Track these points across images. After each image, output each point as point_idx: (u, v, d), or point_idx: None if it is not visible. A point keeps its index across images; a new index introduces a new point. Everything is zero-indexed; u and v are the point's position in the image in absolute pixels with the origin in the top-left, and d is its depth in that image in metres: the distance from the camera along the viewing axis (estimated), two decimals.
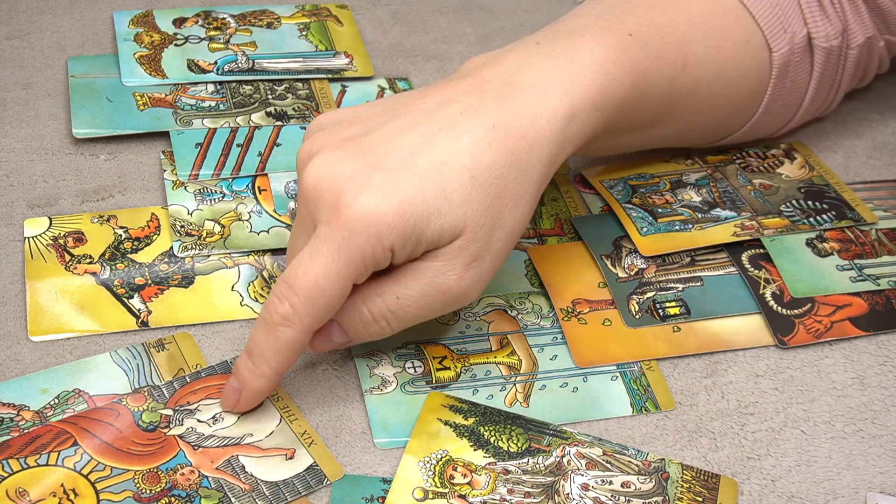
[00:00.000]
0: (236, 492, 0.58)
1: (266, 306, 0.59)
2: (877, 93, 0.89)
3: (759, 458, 0.63)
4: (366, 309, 0.60)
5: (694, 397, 0.66)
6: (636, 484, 0.60)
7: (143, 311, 0.68)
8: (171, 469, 0.59)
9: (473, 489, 0.59)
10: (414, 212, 0.58)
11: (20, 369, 0.64)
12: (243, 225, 0.73)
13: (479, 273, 0.61)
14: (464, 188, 0.59)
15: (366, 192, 0.57)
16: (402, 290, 0.60)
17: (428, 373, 0.66)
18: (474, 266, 0.60)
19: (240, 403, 0.61)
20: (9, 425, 0.60)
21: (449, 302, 0.61)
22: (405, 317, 0.61)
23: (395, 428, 0.63)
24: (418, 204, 0.58)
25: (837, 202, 0.77)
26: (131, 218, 0.73)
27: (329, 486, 0.59)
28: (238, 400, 0.61)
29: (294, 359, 0.60)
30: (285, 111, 0.81)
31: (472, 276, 0.60)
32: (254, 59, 0.85)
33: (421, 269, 0.60)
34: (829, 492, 0.61)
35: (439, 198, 0.58)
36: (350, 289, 0.59)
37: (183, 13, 0.89)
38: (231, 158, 0.77)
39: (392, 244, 0.58)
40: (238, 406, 0.61)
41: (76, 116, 0.79)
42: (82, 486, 0.58)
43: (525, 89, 0.62)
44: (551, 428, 0.63)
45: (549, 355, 0.67)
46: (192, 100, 0.81)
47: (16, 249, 0.71)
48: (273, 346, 0.59)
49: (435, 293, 0.60)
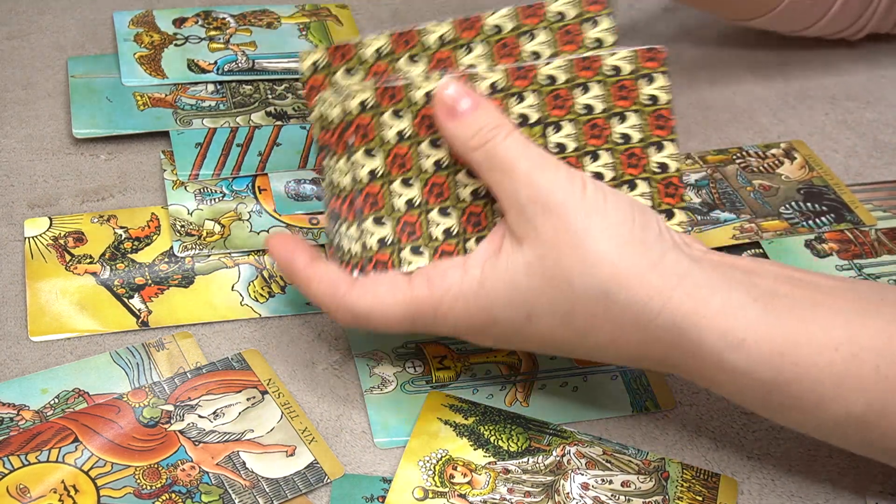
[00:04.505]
0: (237, 488, 0.58)
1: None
2: (877, 93, 0.89)
3: (759, 457, 0.63)
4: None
5: (694, 397, 0.66)
6: (636, 483, 0.60)
7: (144, 310, 0.68)
8: (171, 465, 0.59)
9: (473, 488, 0.59)
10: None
11: (20, 369, 0.64)
12: (243, 225, 0.73)
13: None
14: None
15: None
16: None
17: (428, 372, 0.66)
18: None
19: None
20: (9, 425, 0.60)
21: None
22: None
23: (395, 427, 0.63)
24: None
25: (837, 204, 0.77)
26: (131, 218, 0.73)
27: (329, 485, 0.59)
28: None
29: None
30: (285, 111, 0.81)
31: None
32: (254, 58, 0.85)
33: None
34: (829, 491, 0.61)
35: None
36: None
37: (183, 13, 0.89)
38: (231, 158, 0.77)
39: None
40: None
41: (76, 116, 0.79)
42: (83, 483, 0.58)
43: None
44: (551, 427, 0.63)
45: (549, 354, 0.67)
46: (192, 100, 0.81)
47: (16, 249, 0.71)
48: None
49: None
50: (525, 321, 0.57)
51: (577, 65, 0.61)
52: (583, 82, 0.61)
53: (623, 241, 0.55)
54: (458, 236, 0.61)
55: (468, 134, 0.58)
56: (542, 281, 0.56)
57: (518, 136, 0.58)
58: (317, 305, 0.61)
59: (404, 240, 0.60)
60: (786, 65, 0.91)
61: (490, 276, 0.57)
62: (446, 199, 0.60)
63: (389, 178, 0.60)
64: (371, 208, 0.60)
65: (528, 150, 0.57)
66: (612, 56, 0.61)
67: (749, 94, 0.88)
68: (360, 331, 0.67)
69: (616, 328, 0.56)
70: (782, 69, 0.90)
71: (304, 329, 0.68)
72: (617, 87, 0.62)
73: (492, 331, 0.59)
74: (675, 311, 0.54)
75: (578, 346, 0.58)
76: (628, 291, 0.55)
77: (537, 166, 0.57)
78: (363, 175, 0.60)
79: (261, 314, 0.68)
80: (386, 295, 0.59)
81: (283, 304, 0.69)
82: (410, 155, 0.60)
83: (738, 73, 0.90)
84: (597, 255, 0.55)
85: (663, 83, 0.62)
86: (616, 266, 0.55)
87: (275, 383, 0.64)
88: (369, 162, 0.59)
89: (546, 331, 0.57)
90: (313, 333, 0.68)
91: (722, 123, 0.85)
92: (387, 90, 0.59)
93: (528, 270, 0.56)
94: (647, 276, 0.55)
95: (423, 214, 0.60)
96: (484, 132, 0.58)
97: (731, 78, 0.89)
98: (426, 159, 0.60)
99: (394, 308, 0.59)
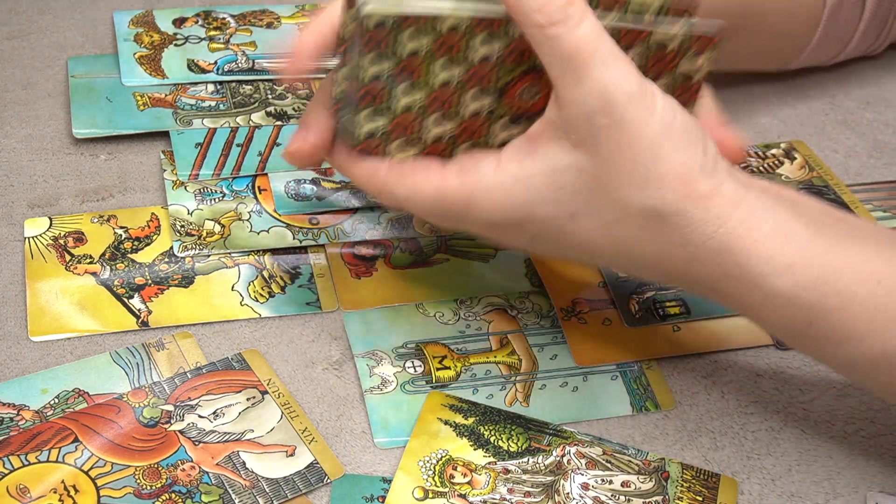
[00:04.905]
0: (237, 488, 0.58)
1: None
2: (877, 93, 0.89)
3: (759, 457, 0.63)
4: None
5: (694, 397, 0.66)
6: (636, 483, 0.60)
7: (143, 310, 0.68)
8: (171, 465, 0.59)
9: (473, 489, 0.59)
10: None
11: (20, 369, 0.64)
12: (243, 225, 0.73)
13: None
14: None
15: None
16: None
17: (428, 372, 0.66)
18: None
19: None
20: (9, 425, 0.60)
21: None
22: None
23: (395, 427, 0.63)
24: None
25: (837, 204, 0.77)
26: (131, 218, 0.73)
27: (329, 485, 0.59)
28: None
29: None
30: (285, 111, 0.81)
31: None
32: (254, 58, 0.85)
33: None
34: (829, 491, 0.61)
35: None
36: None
37: (183, 13, 0.89)
38: (231, 158, 0.77)
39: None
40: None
41: (76, 116, 0.79)
42: (83, 483, 0.58)
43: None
44: (551, 427, 0.63)
45: (549, 355, 0.67)
46: (192, 100, 0.81)
47: (16, 249, 0.71)
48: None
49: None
50: (567, 220, 0.56)
51: (622, 33, 0.57)
52: (624, 46, 0.57)
53: (688, 166, 0.54)
54: (450, 140, 0.59)
55: (534, 5, 0.53)
56: (595, 188, 0.55)
57: (593, 24, 0.53)
58: (361, 188, 0.60)
59: (395, 135, 0.59)
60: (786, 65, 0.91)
61: (529, 171, 0.56)
62: (447, 109, 0.58)
63: (393, 84, 0.58)
64: (366, 105, 0.58)
65: (602, 47, 0.53)
66: (664, 31, 0.58)
67: (749, 94, 0.88)
68: (361, 331, 0.67)
69: (664, 246, 0.55)
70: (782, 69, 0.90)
71: (304, 329, 0.68)
72: (657, 58, 0.59)
73: (529, 227, 0.57)
74: (728, 235, 0.54)
75: (620, 257, 0.57)
76: (685, 216, 0.54)
77: (610, 71, 0.53)
78: (366, 77, 0.57)
79: (261, 314, 0.68)
80: (420, 182, 0.57)
81: (283, 304, 0.69)
82: (421, 70, 0.57)
83: (738, 73, 0.90)
84: (659, 178, 0.54)
85: (703, 63, 0.59)
86: (676, 192, 0.54)
87: (275, 383, 0.64)
88: (374, 67, 0.57)
89: (589, 234, 0.56)
90: (313, 333, 0.68)
91: None
92: (408, 18, 0.55)
93: (579, 173, 0.55)
94: (706, 202, 0.54)
95: (419, 119, 0.58)
96: (553, 8, 0.53)
97: (731, 78, 0.89)
98: (435, 77, 0.57)
99: (426, 196, 0.57)
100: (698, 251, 0.55)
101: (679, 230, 0.55)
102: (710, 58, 0.59)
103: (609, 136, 0.54)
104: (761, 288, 0.55)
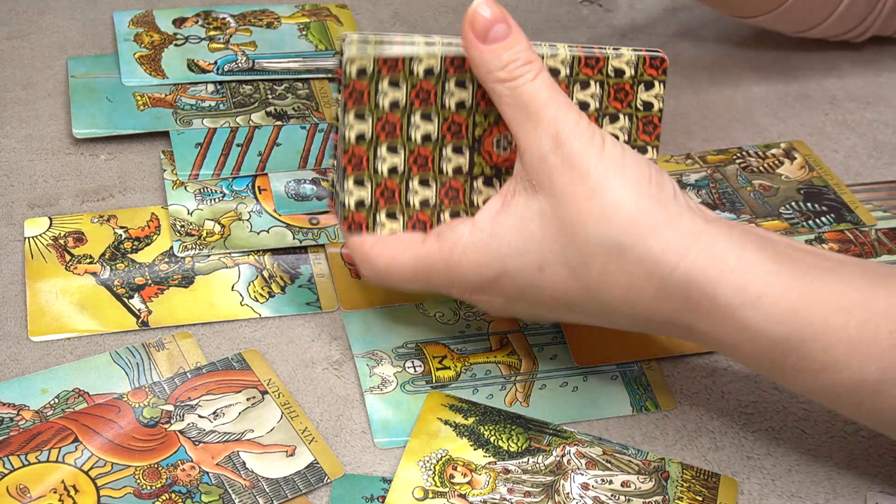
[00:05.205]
0: (237, 488, 0.58)
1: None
2: (877, 93, 0.89)
3: (759, 457, 0.63)
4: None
5: (694, 397, 0.66)
6: (636, 483, 0.60)
7: (143, 310, 0.68)
8: (171, 465, 0.59)
9: (473, 489, 0.59)
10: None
11: (20, 369, 0.64)
12: (243, 225, 0.73)
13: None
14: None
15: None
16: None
17: (428, 372, 0.66)
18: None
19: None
20: (9, 425, 0.60)
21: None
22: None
23: (395, 427, 0.63)
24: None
25: (837, 204, 0.77)
26: (131, 218, 0.73)
27: (329, 485, 0.59)
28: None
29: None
30: (285, 111, 0.81)
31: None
32: (254, 58, 0.85)
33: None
34: (829, 491, 0.61)
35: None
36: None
37: (183, 13, 0.89)
38: (231, 158, 0.77)
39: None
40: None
41: (76, 116, 0.79)
42: (83, 483, 0.58)
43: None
44: (551, 427, 0.63)
45: (549, 355, 0.67)
46: (192, 100, 0.81)
47: (16, 249, 0.71)
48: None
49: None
50: (537, 272, 0.57)
51: (582, 62, 0.61)
52: (584, 79, 0.61)
53: (639, 196, 0.55)
54: (435, 208, 0.61)
55: (497, 64, 0.57)
56: (557, 230, 0.56)
57: (547, 78, 0.57)
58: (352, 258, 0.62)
59: (382, 203, 0.61)
60: (786, 65, 0.91)
61: (502, 226, 0.58)
62: (428, 170, 0.61)
63: (377, 144, 0.60)
64: (354, 170, 0.60)
65: (556, 97, 0.57)
66: (618, 58, 0.61)
67: (749, 94, 0.88)
68: (361, 331, 0.67)
69: (629, 282, 0.56)
70: (782, 69, 0.90)
71: (304, 329, 0.68)
72: (615, 89, 0.62)
73: (503, 283, 0.58)
74: (691, 266, 0.54)
75: (590, 302, 0.58)
76: (643, 245, 0.55)
77: (562, 114, 0.56)
78: (351, 136, 0.60)
79: (261, 314, 0.68)
80: (401, 251, 0.59)
81: (283, 304, 0.69)
82: (401, 125, 0.60)
83: (738, 73, 0.90)
84: (614, 207, 0.55)
85: (659, 91, 0.62)
86: (632, 218, 0.55)
87: (275, 383, 0.64)
88: (358, 125, 0.60)
89: (558, 284, 0.57)
90: (313, 333, 0.68)
91: (722, 123, 0.85)
92: (387, 61, 0.59)
93: (542, 219, 0.57)
94: (663, 231, 0.55)
95: (403, 182, 0.61)
96: (514, 67, 0.57)
97: (731, 78, 0.89)
98: (416, 130, 0.60)
99: (407, 264, 0.59)
100: (663, 284, 0.55)
101: (641, 263, 0.55)
102: (664, 83, 0.62)
103: (562, 174, 0.56)
104: (732, 320, 0.55)
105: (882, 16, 0.86)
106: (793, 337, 0.54)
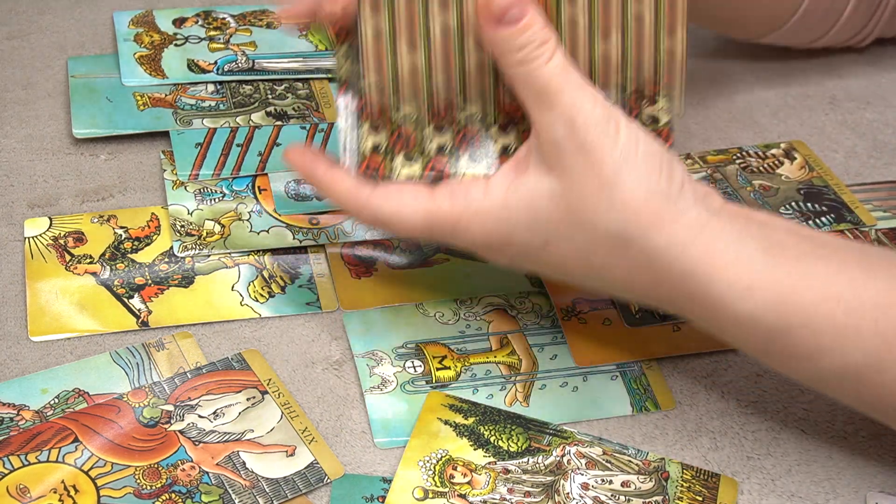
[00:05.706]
0: (237, 488, 0.58)
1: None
2: (877, 93, 0.89)
3: (759, 457, 0.63)
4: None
5: (694, 397, 0.66)
6: (636, 483, 0.60)
7: (143, 310, 0.68)
8: (171, 465, 0.59)
9: (473, 489, 0.59)
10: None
11: (20, 369, 0.64)
12: (243, 225, 0.73)
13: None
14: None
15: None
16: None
17: (428, 372, 0.65)
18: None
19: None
20: (9, 425, 0.60)
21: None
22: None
23: (395, 427, 0.63)
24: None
25: (837, 204, 0.77)
26: (131, 218, 0.73)
27: (329, 485, 0.59)
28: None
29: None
30: (285, 111, 0.81)
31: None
32: (254, 58, 0.85)
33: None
34: (829, 491, 0.61)
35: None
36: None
37: (183, 13, 0.89)
38: (231, 158, 0.77)
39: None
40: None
41: (76, 116, 0.79)
42: (83, 483, 0.58)
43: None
44: (551, 427, 0.63)
45: (549, 355, 0.67)
46: (192, 100, 0.81)
47: (16, 249, 0.71)
48: None
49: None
50: (542, 246, 0.59)
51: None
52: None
53: (649, 193, 0.56)
54: (452, 152, 0.61)
55: (511, 47, 0.57)
56: (565, 213, 0.57)
57: (562, 60, 0.57)
58: (339, 205, 0.62)
59: (398, 149, 0.61)
60: (786, 65, 0.91)
61: (513, 198, 0.58)
62: (444, 117, 0.61)
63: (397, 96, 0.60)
64: (369, 116, 0.61)
65: (571, 79, 0.57)
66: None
67: (749, 94, 0.88)
68: (361, 331, 0.67)
69: (631, 268, 0.57)
70: (782, 69, 0.90)
71: (304, 329, 0.68)
72: (621, 103, 0.61)
73: (508, 250, 0.60)
74: (690, 260, 0.56)
75: (591, 278, 0.60)
76: (648, 239, 0.56)
77: (578, 100, 0.56)
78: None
79: (261, 314, 0.68)
80: (409, 202, 0.60)
81: (283, 304, 0.69)
82: (421, 78, 0.60)
83: (738, 73, 0.90)
84: (623, 201, 0.56)
85: (663, 104, 0.62)
86: (639, 214, 0.56)
87: (275, 383, 0.64)
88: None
89: (561, 259, 0.59)
90: (313, 333, 0.68)
91: (722, 123, 0.85)
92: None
93: (551, 199, 0.57)
94: (669, 226, 0.56)
95: (419, 130, 0.61)
96: (529, 50, 0.57)
97: (731, 78, 0.89)
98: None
99: (415, 216, 0.60)
100: (663, 275, 0.57)
101: (644, 254, 0.57)
102: (667, 97, 0.62)
103: (575, 161, 0.56)
104: (725, 311, 0.56)
105: (883, 20, 0.86)
106: (781, 324, 0.56)
